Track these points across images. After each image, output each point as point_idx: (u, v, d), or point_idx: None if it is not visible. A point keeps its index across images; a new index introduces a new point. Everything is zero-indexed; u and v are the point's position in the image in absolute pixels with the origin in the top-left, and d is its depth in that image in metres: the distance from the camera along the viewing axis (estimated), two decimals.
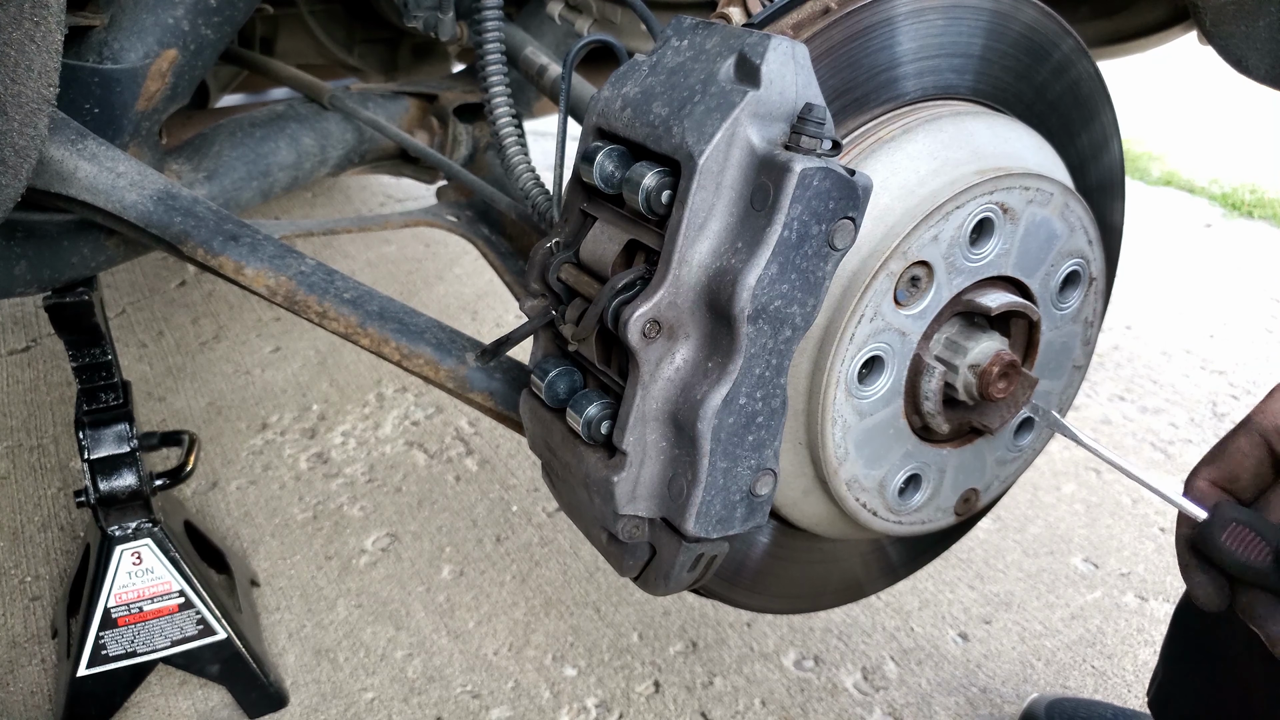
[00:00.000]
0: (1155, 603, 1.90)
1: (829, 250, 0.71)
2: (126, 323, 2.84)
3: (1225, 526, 0.71)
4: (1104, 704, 1.57)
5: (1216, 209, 4.09)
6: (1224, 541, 0.70)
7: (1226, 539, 0.70)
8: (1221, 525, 0.71)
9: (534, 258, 0.86)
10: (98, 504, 1.44)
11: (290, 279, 1.04)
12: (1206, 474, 0.76)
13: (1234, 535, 0.70)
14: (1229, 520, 0.71)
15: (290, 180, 1.46)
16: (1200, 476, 0.76)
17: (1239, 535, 0.70)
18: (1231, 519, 0.71)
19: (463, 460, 2.27)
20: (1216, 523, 0.71)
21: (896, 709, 1.64)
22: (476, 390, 1.05)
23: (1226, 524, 0.71)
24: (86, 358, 1.42)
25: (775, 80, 0.70)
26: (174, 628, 1.53)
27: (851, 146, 0.86)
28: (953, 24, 0.88)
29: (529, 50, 1.41)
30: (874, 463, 0.91)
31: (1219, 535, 0.71)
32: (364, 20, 2.31)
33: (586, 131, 0.82)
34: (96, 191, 1.05)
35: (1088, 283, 0.98)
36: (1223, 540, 0.70)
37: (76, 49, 1.12)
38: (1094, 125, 1.03)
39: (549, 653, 1.74)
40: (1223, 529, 0.71)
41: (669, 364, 0.74)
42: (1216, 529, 0.71)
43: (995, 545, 2.04)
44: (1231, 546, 0.70)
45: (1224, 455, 0.76)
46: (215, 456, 2.24)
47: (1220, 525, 0.71)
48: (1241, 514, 0.71)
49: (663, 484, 0.77)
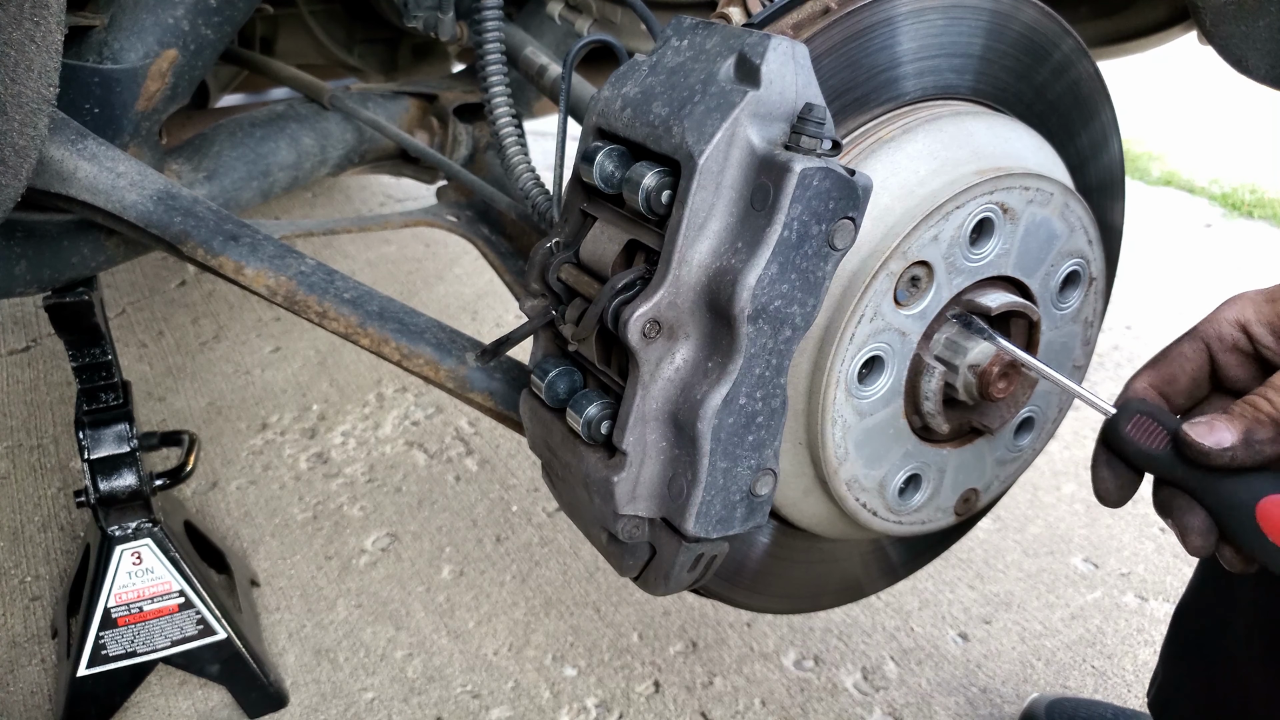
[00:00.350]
0: (1155, 603, 1.90)
1: (829, 250, 0.71)
2: (126, 323, 2.84)
3: (1130, 418, 0.72)
4: (1104, 704, 1.58)
5: (1216, 209, 4.09)
6: (1127, 432, 0.71)
7: (1130, 429, 0.71)
8: (1127, 418, 0.72)
9: (534, 258, 0.86)
10: (98, 504, 1.44)
11: (290, 279, 1.04)
12: (1145, 377, 0.76)
13: (1138, 426, 0.71)
14: (1134, 412, 0.72)
15: (290, 180, 1.46)
16: (1139, 379, 0.77)
17: (1142, 426, 0.71)
18: (1137, 411, 0.72)
19: (463, 460, 2.27)
20: (1122, 415, 0.72)
21: (896, 709, 1.64)
22: (476, 390, 1.05)
23: (1131, 416, 0.72)
24: (86, 358, 1.42)
25: (775, 80, 0.70)
26: (174, 628, 1.53)
27: (851, 146, 0.86)
28: (953, 24, 0.87)
29: (529, 50, 1.41)
30: (874, 463, 0.91)
31: (1123, 426, 0.72)
32: (364, 20, 2.31)
33: (586, 131, 0.82)
34: (96, 191, 1.05)
35: (1088, 283, 0.98)
36: (1126, 431, 0.71)
37: (76, 49, 1.12)
38: (1094, 125, 1.03)
39: (549, 653, 1.74)
40: (1128, 421, 0.72)
41: (669, 364, 0.74)
42: (1122, 421, 0.72)
43: (995, 545, 2.04)
44: (1134, 436, 0.71)
45: (1165, 359, 0.76)
46: (215, 456, 2.24)
47: (1126, 417, 0.72)
48: (1148, 407, 0.72)
49: (663, 484, 0.77)
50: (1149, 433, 0.71)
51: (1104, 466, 0.74)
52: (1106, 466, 0.74)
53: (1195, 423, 0.68)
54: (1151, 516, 2.14)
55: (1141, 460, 0.72)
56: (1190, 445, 0.68)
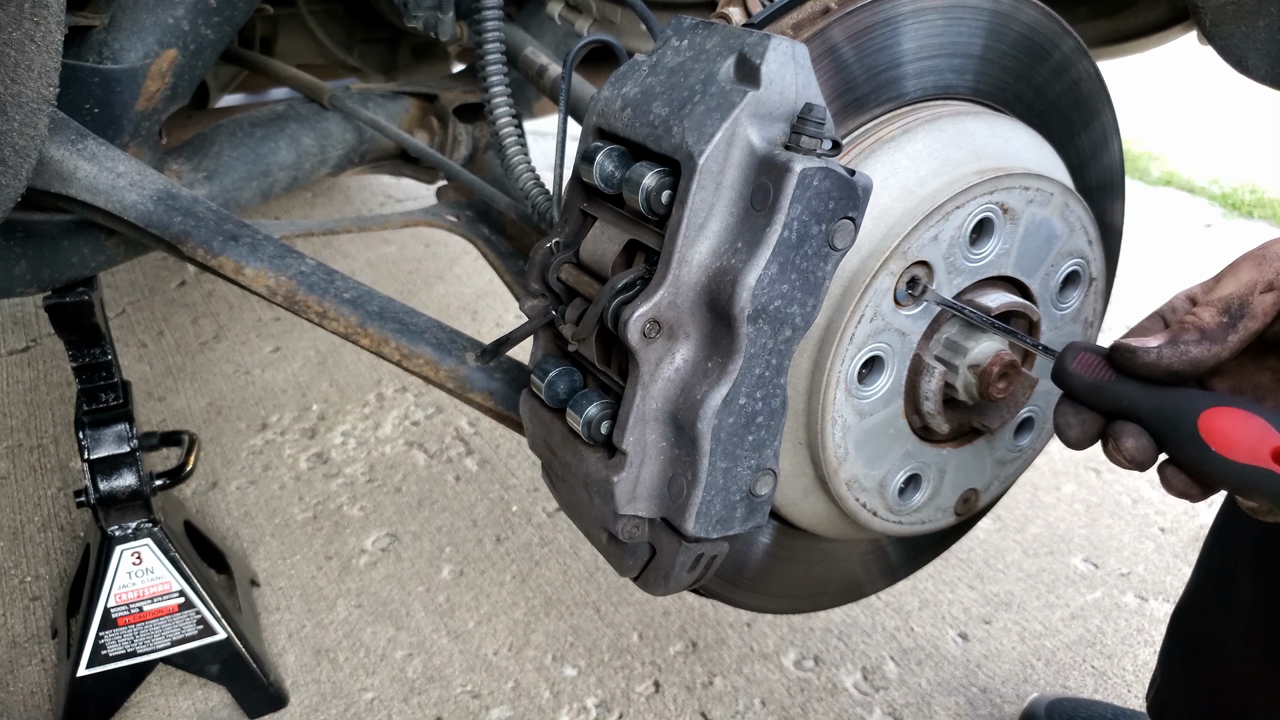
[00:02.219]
0: (1155, 603, 1.90)
1: (829, 250, 0.71)
2: (126, 323, 2.84)
3: (1075, 356, 0.76)
4: (1104, 704, 1.58)
5: (1216, 209, 4.09)
6: (1073, 369, 0.75)
7: (1075, 366, 0.75)
8: (1072, 356, 0.76)
9: (534, 258, 0.86)
10: (98, 504, 1.44)
11: (290, 279, 1.04)
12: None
13: (1082, 363, 0.75)
14: (1078, 351, 0.76)
15: (290, 180, 1.46)
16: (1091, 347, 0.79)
17: (1086, 362, 0.75)
18: (1080, 349, 0.76)
19: (463, 460, 2.27)
20: (1068, 355, 0.76)
21: (896, 709, 1.64)
22: (476, 390, 1.05)
23: (1076, 354, 0.76)
24: (86, 358, 1.42)
25: (775, 80, 0.70)
26: (174, 628, 1.53)
27: (851, 146, 0.86)
28: (953, 24, 0.87)
29: (529, 50, 1.41)
30: (874, 463, 0.91)
31: (1069, 364, 0.75)
32: (364, 20, 2.31)
33: (586, 131, 0.82)
34: (96, 191, 1.05)
35: (1088, 283, 0.98)
36: (1072, 368, 0.75)
37: (76, 49, 1.12)
38: (1094, 125, 1.03)
39: (549, 653, 1.74)
40: (1073, 359, 0.76)
41: (669, 364, 0.74)
42: (1067, 359, 0.76)
43: (995, 545, 2.04)
44: (1078, 371, 0.75)
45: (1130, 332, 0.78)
46: (215, 456, 2.24)
47: (1070, 356, 0.76)
48: (1089, 345, 0.76)
49: (663, 484, 0.77)
50: (1092, 367, 0.75)
51: (1065, 409, 0.77)
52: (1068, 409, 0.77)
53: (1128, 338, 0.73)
54: (1152, 516, 2.14)
55: (1087, 392, 0.75)
56: (1119, 348, 0.72)
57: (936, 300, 0.86)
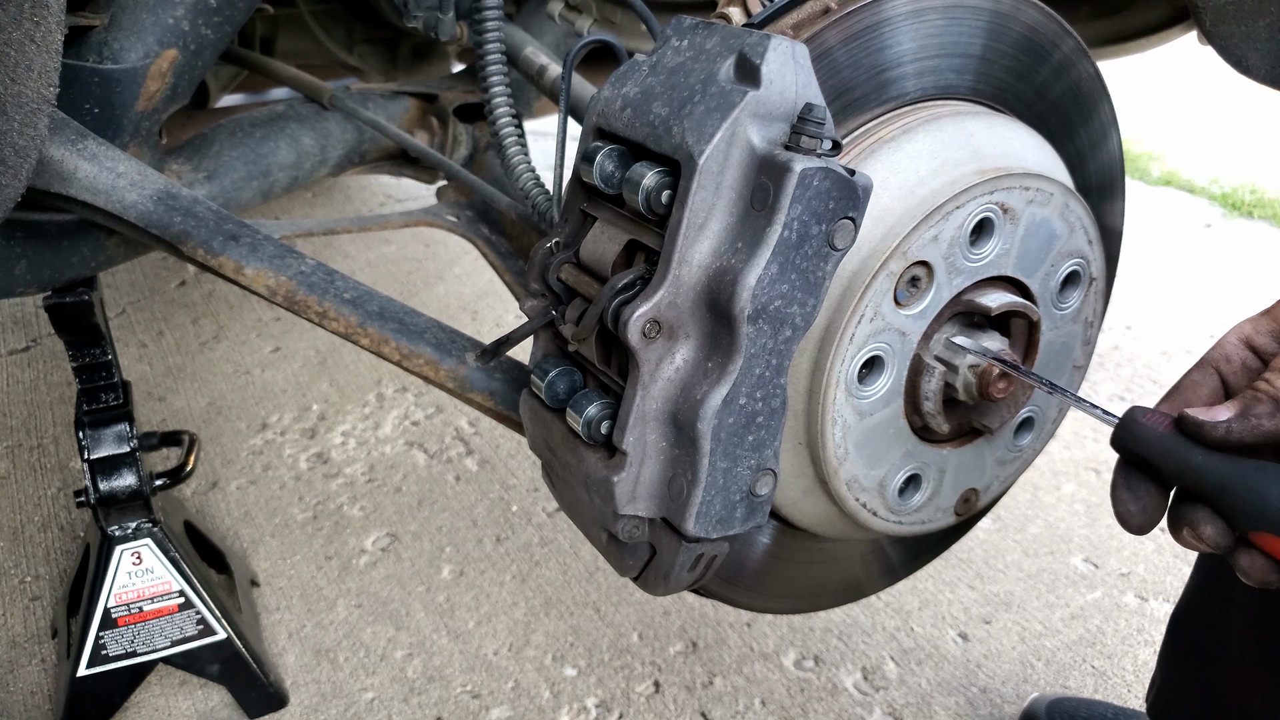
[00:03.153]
0: (1155, 603, 1.90)
1: (829, 250, 0.71)
2: (126, 323, 2.84)
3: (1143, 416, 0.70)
4: (1104, 704, 1.58)
5: (1216, 209, 4.09)
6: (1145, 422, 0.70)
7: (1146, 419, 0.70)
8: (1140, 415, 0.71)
9: (534, 258, 0.86)
10: (98, 504, 1.44)
11: (290, 279, 1.04)
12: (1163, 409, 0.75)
13: (1152, 418, 0.70)
14: (1144, 412, 0.71)
15: (290, 180, 1.46)
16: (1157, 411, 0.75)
17: (1156, 418, 0.70)
18: (1146, 410, 0.71)
19: (463, 460, 2.27)
20: (1134, 415, 0.71)
21: (896, 709, 1.64)
22: (476, 390, 1.05)
23: (1143, 414, 0.71)
24: (86, 358, 1.42)
25: (775, 80, 0.70)
26: (174, 628, 1.53)
27: (851, 146, 0.86)
28: (953, 24, 0.87)
29: (529, 50, 1.41)
30: (874, 463, 0.91)
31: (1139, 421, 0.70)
32: (364, 20, 2.31)
33: (586, 131, 0.82)
34: (96, 191, 1.05)
35: (1088, 283, 0.98)
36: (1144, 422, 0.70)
37: (76, 49, 1.12)
38: (1094, 125, 1.03)
39: (549, 653, 1.74)
40: (1141, 416, 0.70)
41: (669, 364, 0.74)
42: (1137, 418, 0.70)
43: (995, 545, 2.04)
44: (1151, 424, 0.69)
45: (1178, 389, 0.75)
46: (215, 456, 2.24)
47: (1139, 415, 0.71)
48: (1151, 410, 0.71)
49: (663, 484, 0.77)
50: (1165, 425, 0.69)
51: (1122, 486, 0.71)
52: (1125, 485, 0.71)
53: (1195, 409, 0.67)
54: None
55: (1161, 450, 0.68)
56: (1186, 421, 0.66)
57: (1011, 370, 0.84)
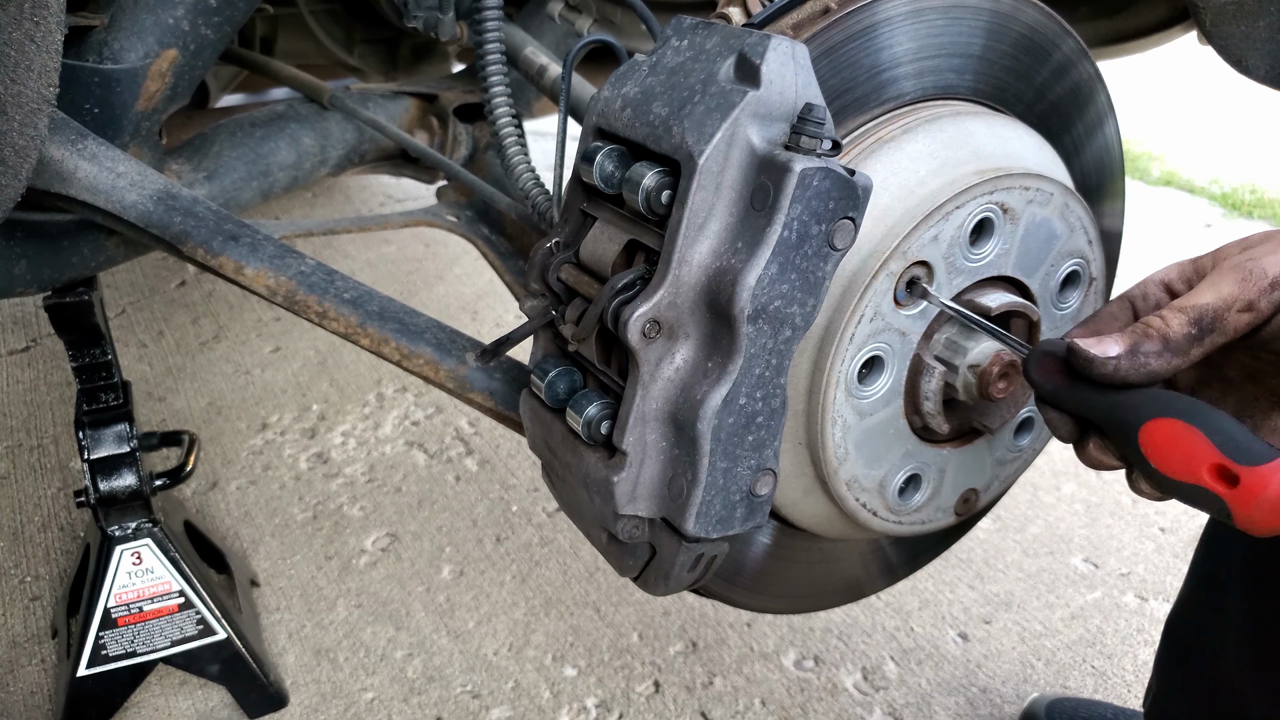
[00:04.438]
0: (1155, 603, 1.90)
1: (829, 250, 0.71)
2: (126, 323, 2.84)
3: (1037, 360, 0.73)
4: (1104, 704, 1.58)
5: (1216, 209, 4.09)
6: (1035, 375, 0.73)
7: (1038, 373, 0.73)
8: (1035, 360, 0.73)
9: (534, 258, 0.86)
10: (98, 504, 1.44)
11: (290, 279, 1.04)
12: (1076, 333, 0.76)
13: (1044, 368, 0.72)
14: (1040, 354, 0.73)
15: (290, 180, 1.46)
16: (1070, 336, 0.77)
17: (1048, 366, 0.72)
18: (1042, 352, 0.73)
19: (463, 460, 2.27)
20: (1031, 358, 0.74)
21: (896, 709, 1.64)
22: (476, 390, 1.05)
23: (1038, 358, 0.73)
24: (86, 358, 1.42)
25: (775, 80, 0.70)
26: (174, 628, 1.53)
27: (851, 146, 0.86)
28: (953, 24, 0.87)
29: (529, 50, 1.41)
30: (874, 463, 0.91)
31: (1032, 370, 0.73)
32: (364, 20, 2.31)
33: (586, 131, 0.82)
34: (96, 191, 1.05)
35: (1088, 283, 0.98)
36: (1034, 374, 0.73)
37: (76, 49, 1.12)
38: (1094, 125, 1.03)
39: (549, 653, 1.74)
40: (1036, 363, 0.73)
41: (669, 364, 0.74)
42: (1031, 364, 0.73)
43: (995, 545, 2.04)
44: (1039, 378, 0.73)
45: (1093, 319, 0.76)
46: (215, 456, 2.24)
47: (1034, 360, 0.73)
48: (1052, 346, 0.73)
49: (663, 484, 0.77)
50: (1053, 371, 0.72)
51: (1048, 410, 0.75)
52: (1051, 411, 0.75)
53: (1087, 338, 0.69)
54: (1152, 516, 2.14)
55: (1050, 398, 0.72)
56: (1076, 353, 0.68)
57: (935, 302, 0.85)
